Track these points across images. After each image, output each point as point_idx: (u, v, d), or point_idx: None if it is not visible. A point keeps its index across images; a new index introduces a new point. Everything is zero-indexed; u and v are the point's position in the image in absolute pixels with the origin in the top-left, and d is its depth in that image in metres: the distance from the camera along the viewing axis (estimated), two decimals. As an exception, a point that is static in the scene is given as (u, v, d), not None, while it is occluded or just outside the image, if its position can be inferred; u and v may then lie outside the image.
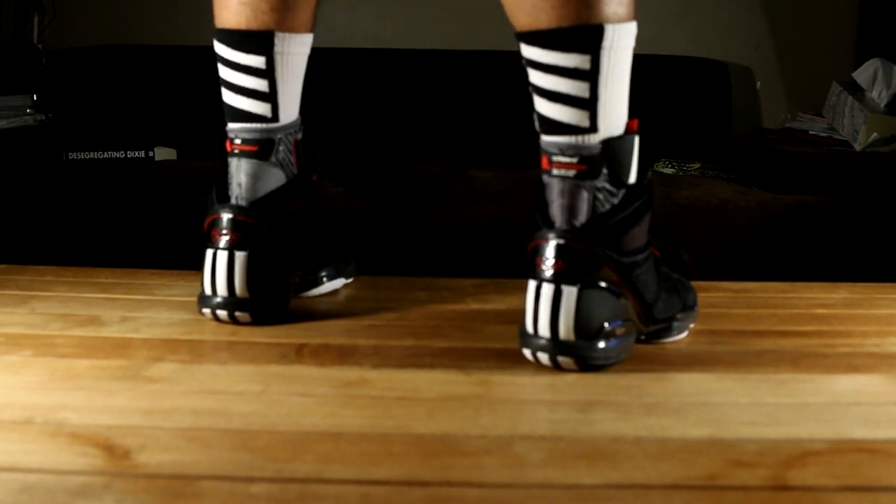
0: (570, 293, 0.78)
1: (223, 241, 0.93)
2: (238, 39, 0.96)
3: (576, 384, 0.77)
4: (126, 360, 0.82)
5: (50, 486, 0.56)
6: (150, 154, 2.21)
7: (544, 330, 0.79)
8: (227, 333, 0.92)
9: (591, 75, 0.80)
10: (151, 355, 0.83)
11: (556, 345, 0.79)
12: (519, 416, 0.70)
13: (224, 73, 0.99)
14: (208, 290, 0.94)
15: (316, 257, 1.07)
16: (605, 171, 0.81)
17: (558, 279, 0.79)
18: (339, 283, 1.11)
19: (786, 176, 1.99)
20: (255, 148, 0.97)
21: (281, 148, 0.98)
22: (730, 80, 2.52)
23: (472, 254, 1.85)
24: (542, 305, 0.79)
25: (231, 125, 0.99)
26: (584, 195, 0.81)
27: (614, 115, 0.82)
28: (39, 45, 2.51)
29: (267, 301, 0.94)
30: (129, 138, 2.33)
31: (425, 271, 1.80)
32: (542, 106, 0.83)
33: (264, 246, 0.94)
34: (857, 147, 2.04)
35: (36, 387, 0.75)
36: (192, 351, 0.85)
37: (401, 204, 1.88)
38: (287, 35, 0.97)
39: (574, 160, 0.81)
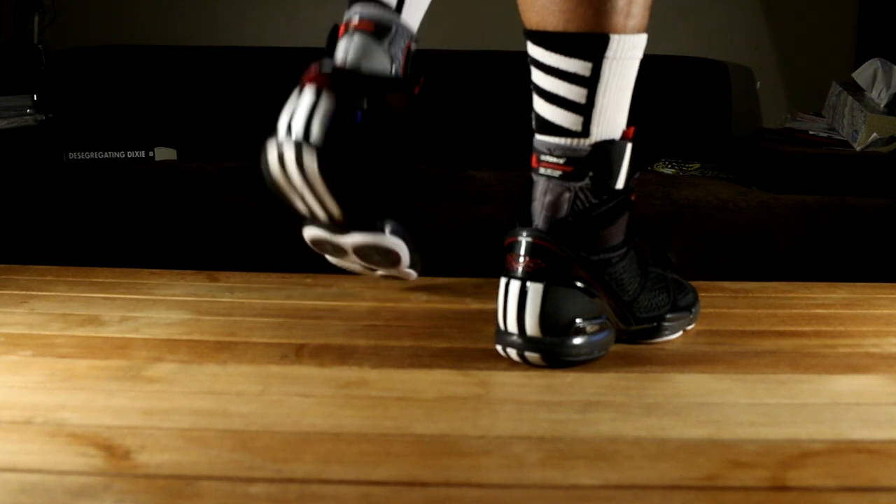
0: (535, 290, 0.80)
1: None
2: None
3: (575, 385, 0.77)
4: (126, 361, 0.82)
5: (50, 486, 0.56)
6: (150, 154, 2.21)
7: (512, 326, 0.81)
8: (227, 334, 0.92)
9: (590, 82, 0.80)
10: (151, 355, 0.84)
11: (524, 340, 0.81)
12: (518, 417, 0.70)
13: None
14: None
15: None
16: (590, 174, 0.82)
17: (525, 276, 0.80)
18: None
19: (786, 176, 1.99)
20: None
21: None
22: (730, 80, 2.52)
23: (472, 254, 1.85)
24: (510, 302, 0.81)
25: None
26: (566, 196, 0.82)
27: (609, 122, 0.82)
28: (39, 45, 2.52)
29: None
30: (129, 138, 2.33)
31: (425, 271, 1.80)
32: (539, 105, 0.83)
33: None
34: (857, 147, 2.04)
35: (36, 387, 0.75)
36: (191, 351, 0.85)
37: (400, 204, 1.88)
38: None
39: (561, 161, 0.82)
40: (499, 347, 0.83)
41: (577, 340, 0.81)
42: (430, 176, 2.03)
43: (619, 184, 0.83)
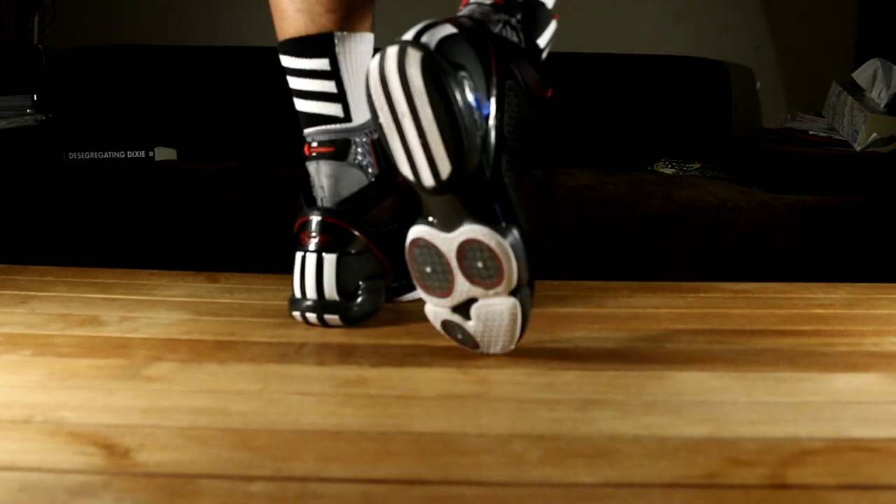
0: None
1: (312, 243, 0.94)
2: (300, 46, 0.97)
3: (574, 383, 0.77)
4: (125, 360, 0.82)
5: (49, 484, 0.56)
6: (150, 154, 2.21)
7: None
8: (226, 333, 0.92)
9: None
10: (151, 355, 0.84)
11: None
12: (518, 415, 0.70)
13: (293, 82, 0.99)
14: (298, 293, 0.94)
15: None
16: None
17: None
18: None
19: (786, 176, 1.99)
20: (331, 149, 0.97)
21: (358, 150, 0.98)
22: (730, 80, 2.52)
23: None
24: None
25: (307, 130, 0.99)
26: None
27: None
28: (39, 45, 2.52)
29: (357, 304, 0.94)
30: (129, 138, 2.33)
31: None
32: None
33: (353, 248, 0.94)
34: (857, 147, 2.04)
35: (35, 386, 0.75)
36: (191, 350, 0.85)
37: (401, 204, 1.88)
38: (347, 34, 0.98)
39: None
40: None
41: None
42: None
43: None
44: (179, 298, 1.06)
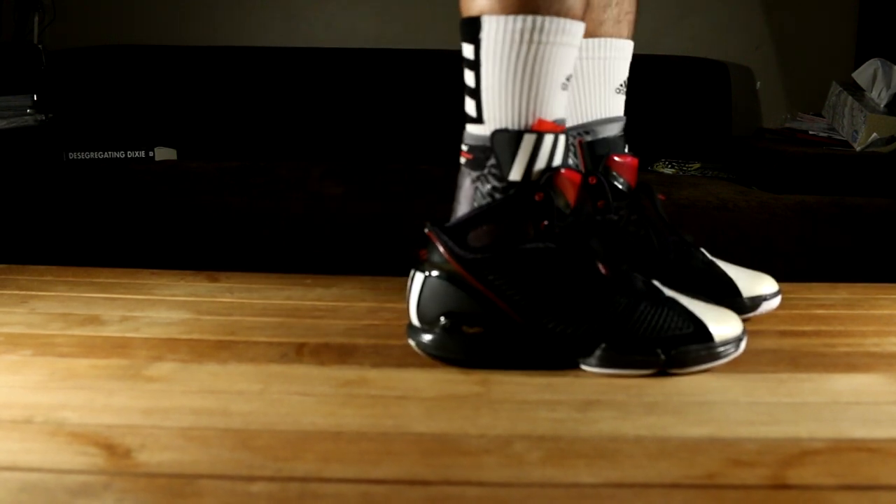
0: (418, 279, 0.83)
1: None
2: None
3: (575, 383, 0.77)
4: (126, 360, 0.82)
5: (50, 485, 0.56)
6: (150, 154, 2.21)
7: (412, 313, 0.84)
8: (227, 333, 0.92)
9: (474, 65, 0.80)
10: (151, 355, 0.84)
11: (409, 328, 0.84)
12: (518, 416, 0.70)
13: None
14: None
15: None
16: (489, 164, 0.82)
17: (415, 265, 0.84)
18: None
19: (786, 176, 1.99)
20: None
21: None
22: (730, 80, 2.52)
23: (472, 254, 1.84)
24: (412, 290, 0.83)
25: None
26: (471, 186, 0.84)
27: (500, 108, 0.80)
28: (39, 45, 2.52)
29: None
30: (129, 138, 2.34)
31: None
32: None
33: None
34: (857, 147, 2.04)
35: (36, 386, 0.75)
36: (191, 350, 0.85)
37: (401, 204, 1.88)
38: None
39: (465, 148, 0.84)
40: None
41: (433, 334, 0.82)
42: (430, 176, 2.03)
43: (514, 176, 0.80)
44: (180, 297, 1.06)
